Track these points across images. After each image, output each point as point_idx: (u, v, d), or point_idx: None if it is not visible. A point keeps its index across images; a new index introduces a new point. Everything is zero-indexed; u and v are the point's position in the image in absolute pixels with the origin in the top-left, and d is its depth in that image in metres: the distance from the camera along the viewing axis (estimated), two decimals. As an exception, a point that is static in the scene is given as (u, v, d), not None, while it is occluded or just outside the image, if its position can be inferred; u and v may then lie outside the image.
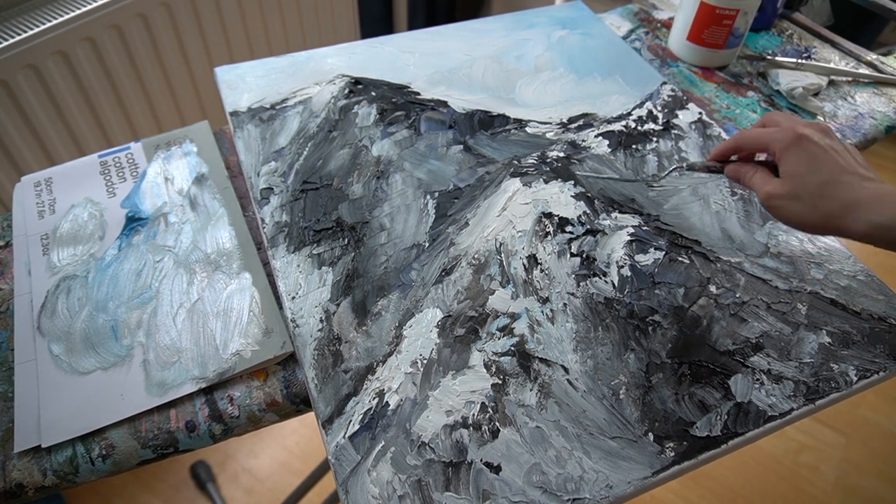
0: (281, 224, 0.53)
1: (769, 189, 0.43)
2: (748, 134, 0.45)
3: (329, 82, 0.67)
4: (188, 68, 1.08)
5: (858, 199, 0.39)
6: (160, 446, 0.43)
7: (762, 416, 0.43)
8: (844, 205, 0.39)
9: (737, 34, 0.73)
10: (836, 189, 0.39)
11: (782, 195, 0.42)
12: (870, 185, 0.39)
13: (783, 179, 0.42)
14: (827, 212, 0.40)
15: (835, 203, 0.39)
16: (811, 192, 0.40)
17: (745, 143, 0.46)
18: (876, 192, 0.39)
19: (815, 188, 0.40)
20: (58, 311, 0.49)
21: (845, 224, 0.39)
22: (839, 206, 0.39)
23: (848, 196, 0.39)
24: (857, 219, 0.39)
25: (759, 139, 0.44)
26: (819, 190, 0.40)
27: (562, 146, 0.61)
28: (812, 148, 0.41)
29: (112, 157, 0.61)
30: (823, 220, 0.40)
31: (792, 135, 0.42)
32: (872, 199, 0.38)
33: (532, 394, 0.43)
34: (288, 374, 0.46)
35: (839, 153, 0.41)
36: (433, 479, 0.39)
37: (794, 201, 0.41)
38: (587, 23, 0.78)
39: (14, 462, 0.41)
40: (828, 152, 0.41)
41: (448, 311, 0.48)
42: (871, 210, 0.38)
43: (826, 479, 1.20)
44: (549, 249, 0.52)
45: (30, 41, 0.84)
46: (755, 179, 0.45)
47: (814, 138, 0.41)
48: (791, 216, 0.42)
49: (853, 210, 0.39)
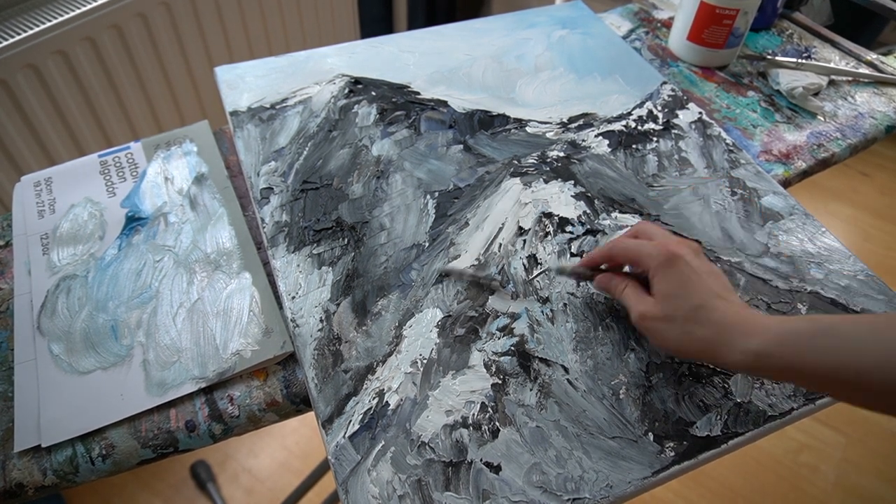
0: (281, 224, 0.53)
1: (643, 309, 0.41)
2: (621, 244, 0.44)
3: (329, 82, 0.67)
4: (188, 68, 1.08)
5: (732, 324, 0.37)
6: (160, 446, 0.43)
7: (762, 415, 0.43)
8: (718, 331, 0.37)
9: (737, 34, 0.73)
10: (709, 314, 0.38)
11: (657, 317, 0.40)
12: (743, 312, 0.38)
13: (657, 300, 0.40)
14: (701, 337, 0.38)
15: (709, 329, 0.38)
16: (685, 316, 0.39)
17: (618, 255, 0.44)
18: (748, 319, 0.37)
19: (689, 312, 0.38)
20: (58, 311, 0.49)
21: (721, 352, 0.37)
22: (713, 333, 0.37)
23: (721, 321, 0.37)
24: (732, 347, 0.37)
25: (631, 252, 0.43)
26: (693, 314, 0.38)
27: (562, 146, 0.61)
28: (685, 270, 0.40)
29: (112, 156, 0.61)
30: (699, 347, 0.38)
31: (666, 254, 0.40)
32: (745, 324, 0.37)
33: (532, 393, 0.43)
34: (288, 373, 0.46)
35: (709, 275, 0.40)
36: (433, 479, 0.39)
37: (669, 324, 0.39)
38: (587, 22, 0.78)
39: (14, 462, 0.41)
40: (700, 276, 0.40)
41: (448, 310, 0.48)
42: (746, 337, 0.36)
43: (826, 478, 1.20)
44: (549, 249, 0.52)
45: (30, 41, 0.84)
46: (628, 295, 0.43)
47: (687, 259, 0.40)
48: (666, 340, 0.40)
49: (728, 335, 0.37)
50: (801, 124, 0.69)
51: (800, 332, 0.35)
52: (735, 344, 0.36)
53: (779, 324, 0.36)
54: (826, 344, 0.34)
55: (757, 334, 0.36)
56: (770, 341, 0.35)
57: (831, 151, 0.66)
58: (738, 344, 0.36)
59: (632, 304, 0.42)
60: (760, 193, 0.58)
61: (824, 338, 0.34)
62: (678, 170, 0.60)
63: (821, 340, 0.34)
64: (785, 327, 0.35)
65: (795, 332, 0.35)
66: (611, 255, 0.45)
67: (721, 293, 0.39)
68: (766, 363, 0.35)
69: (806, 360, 0.34)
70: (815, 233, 0.54)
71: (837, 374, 0.33)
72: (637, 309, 0.41)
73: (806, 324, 0.35)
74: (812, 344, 0.34)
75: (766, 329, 0.36)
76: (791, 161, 0.65)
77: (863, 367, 0.32)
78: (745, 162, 0.61)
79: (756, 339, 0.36)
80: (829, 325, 0.34)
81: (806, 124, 0.69)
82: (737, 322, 0.37)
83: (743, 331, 0.36)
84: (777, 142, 0.67)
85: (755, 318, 0.37)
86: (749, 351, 0.36)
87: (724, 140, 0.63)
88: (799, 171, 0.64)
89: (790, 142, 0.67)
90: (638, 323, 0.42)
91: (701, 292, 0.39)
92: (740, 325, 0.37)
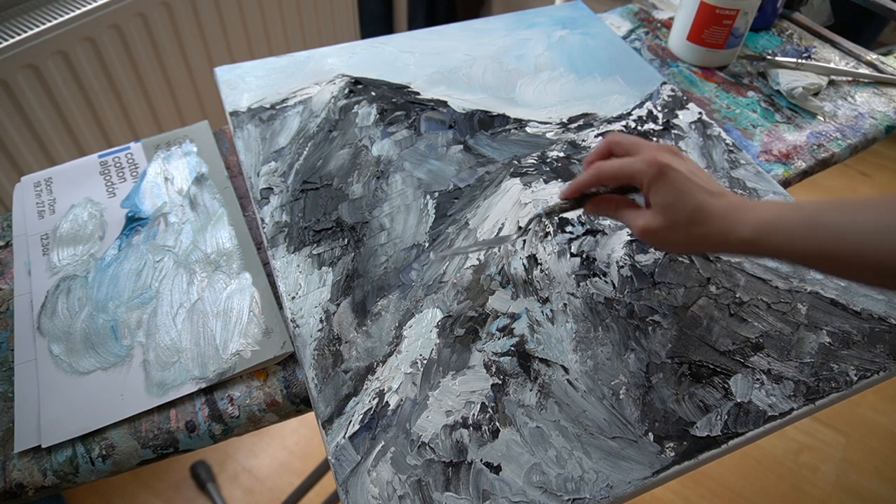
0: (281, 224, 0.53)
1: (643, 223, 0.43)
2: (607, 168, 0.44)
3: (329, 82, 0.67)
4: (188, 68, 1.08)
5: (727, 217, 0.40)
6: (160, 446, 0.43)
7: (762, 415, 0.43)
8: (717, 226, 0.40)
9: (737, 34, 0.73)
10: (707, 213, 0.41)
11: (661, 227, 0.42)
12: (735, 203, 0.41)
13: (655, 212, 0.42)
14: (703, 234, 0.41)
15: (708, 226, 0.41)
16: (686, 219, 0.41)
17: (607, 178, 0.45)
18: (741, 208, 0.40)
19: (689, 215, 0.41)
20: (58, 312, 0.49)
21: (721, 243, 0.41)
22: (712, 228, 0.40)
23: (718, 216, 0.40)
24: (729, 236, 0.40)
25: (622, 172, 0.44)
26: (693, 216, 0.41)
27: (562, 146, 0.61)
28: (677, 177, 0.42)
29: (112, 157, 0.61)
30: (701, 243, 0.42)
31: (656, 166, 0.42)
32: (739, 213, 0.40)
33: (532, 394, 0.43)
34: (288, 374, 0.46)
35: (697, 175, 0.42)
36: (433, 479, 0.39)
37: (673, 231, 0.42)
38: (587, 23, 0.78)
39: (14, 462, 0.41)
40: (690, 179, 0.42)
41: (448, 311, 0.48)
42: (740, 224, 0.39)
43: (826, 478, 1.20)
44: (549, 249, 0.52)
45: (30, 41, 0.84)
46: (625, 213, 0.45)
47: (674, 165, 0.42)
48: (672, 244, 0.43)
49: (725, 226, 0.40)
50: (801, 124, 0.69)
51: (784, 220, 0.38)
52: (733, 233, 0.40)
53: (767, 211, 0.39)
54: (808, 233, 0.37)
55: (748, 223, 0.39)
56: (760, 229, 0.39)
57: (831, 151, 0.66)
58: (736, 233, 0.40)
59: (632, 220, 0.44)
60: (760, 193, 0.58)
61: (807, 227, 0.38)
62: (678, 170, 0.60)
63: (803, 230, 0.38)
64: (772, 214, 0.39)
65: (782, 219, 0.38)
66: (599, 179, 0.45)
67: (711, 189, 0.42)
68: (758, 249, 0.39)
69: (795, 246, 0.38)
70: (815, 233, 0.54)
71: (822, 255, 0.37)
72: (638, 224, 0.43)
73: (792, 212, 0.38)
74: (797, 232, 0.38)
75: (755, 218, 0.39)
76: (791, 161, 0.65)
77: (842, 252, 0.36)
78: (745, 162, 0.61)
79: (748, 227, 0.39)
80: (814, 213, 0.38)
81: (806, 124, 0.69)
82: (730, 214, 0.40)
83: (738, 220, 0.40)
84: (777, 142, 0.67)
85: (747, 208, 0.40)
86: (745, 239, 0.39)
87: (724, 140, 0.63)
88: (799, 171, 0.64)
89: (790, 142, 0.67)
90: (641, 236, 0.44)
91: (695, 194, 0.41)
92: (734, 215, 0.40)
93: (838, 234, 0.37)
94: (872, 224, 0.36)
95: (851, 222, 0.36)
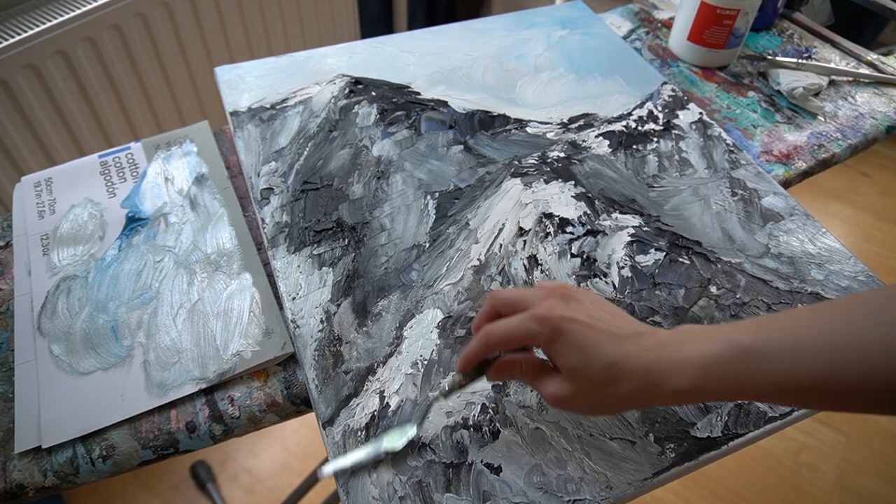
0: (281, 224, 0.53)
1: (553, 391, 0.36)
2: (495, 334, 0.37)
3: (329, 82, 0.67)
4: (188, 68, 1.08)
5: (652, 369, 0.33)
6: (160, 447, 0.43)
7: (762, 416, 0.43)
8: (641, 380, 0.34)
9: (737, 34, 0.73)
10: (624, 367, 0.34)
11: (574, 394, 0.35)
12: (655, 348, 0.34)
13: (564, 377, 0.36)
14: (628, 392, 0.34)
15: (631, 382, 0.34)
16: (602, 380, 0.34)
17: (497, 343, 0.37)
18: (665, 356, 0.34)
19: (604, 375, 0.34)
20: (58, 312, 0.49)
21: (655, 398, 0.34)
22: (637, 384, 0.34)
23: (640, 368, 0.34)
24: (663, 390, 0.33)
25: (513, 336, 0.37)
26: (608, 375, 0.34)
27: (562, 146, 0.61)
28: (576, 331, 0.35)
29: (112, 157, 0.61)
30: (630, 402, 0.35)
31: (549, 323, 0.35)
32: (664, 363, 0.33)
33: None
34: (288, 374, 0.46)
35: (600, 319, 0.36)
36: (434, 481, 0.39)
37: (587, 397, 0.35)
38: (587, 23, 0.78)
39: (14, 463, 0.41)
40: (592, 327, 0.35)
41: (448, 311, 0.48)
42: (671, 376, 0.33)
43: (826, 478, 1.20)
44: (549, 250, 0.52)
45: (30, 41, 0.84)
46: (533, 380, 0.38)
47: (570, 315, 0.35)
48: (593, 411, 0.39)
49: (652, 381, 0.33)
50: (802, 124, 0.69)
51: (720, 361, 0.32)
52: (664, 386, 0.33)
53: (699, 354, 0.33)
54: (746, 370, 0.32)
55: (679, 371, 0.33)
56: (695, 377, 0.32)
57: (832, 152, 0.66)
58: (667, 385, 0.33)
59: (541, 388, 0.37)
60: (761, 194, 0.58)
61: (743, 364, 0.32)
62: (678, 170, 0.60)
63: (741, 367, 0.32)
64: (706, 358, 0.33)
65: (716, 361, 0.32)
66: (488, 347, 0.38)
67: (622, 333, 0.35)
68: (701, 396, 0.33)
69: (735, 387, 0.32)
70: (815, 233, 0.54)
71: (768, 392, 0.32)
72: (548, 392, 0.37)
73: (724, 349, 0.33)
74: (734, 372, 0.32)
75: (686, 364, 0.33)
76: (791, 161, 0.65)
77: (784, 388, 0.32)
78: (746, 162, 0.61)
79: (681, 377, 0.33)
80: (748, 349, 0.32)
81: (806, 124, 0.69)
82: (655, 364, 0.34)
83: (665, 370, 0.33)
84: (777, 142, 0.67)
85: (672, 353, 0.34)
86: (680, 390, 0.33)
87: (724, 140, 0.63)
88: (799, 171, 0.64)
89: (791, 142, 0.67)
90: (556, 405, 0.37)
91: (604, 347, 0.34)
92: (659, 365, 0.33)
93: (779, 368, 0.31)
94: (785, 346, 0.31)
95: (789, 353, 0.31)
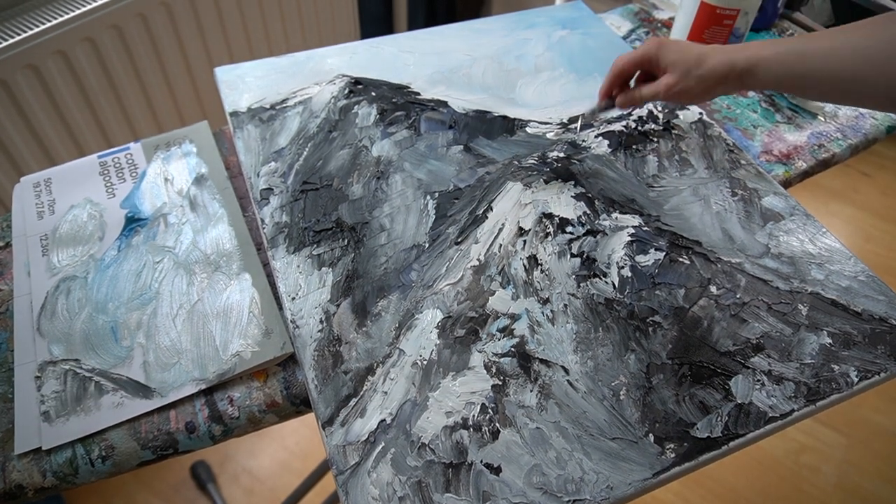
0: (281, 225, 0.53)
1: (664, 84, 0.52)
2: (620, 62, 0.55)
3: (329, 82, 0.67)
4: (188, 68, 1.08)
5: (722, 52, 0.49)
6: (160, 447, 0.43)
7: (763, 417, 0.43)
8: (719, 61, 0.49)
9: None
10: (707, 55, 0.50)
11: (677, 80, 0.51)
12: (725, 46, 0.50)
13: (669, 72, 0.52)
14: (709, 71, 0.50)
15: (711, 64, 0.50)
16: (693, 64, 0.50)
17: (625, 66, 0.55)
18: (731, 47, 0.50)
19: (694, 61, 0.50)
20: (57, 312, 0.49)
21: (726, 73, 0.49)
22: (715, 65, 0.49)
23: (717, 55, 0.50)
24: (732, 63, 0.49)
25: (633, 56, 0.54)
26: (697, 61, 0.50)
27: (562, 146, 0.61)
28: (674, 41, 0.53)
29: (112, 157, 0.61)
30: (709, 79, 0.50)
31: (655, 41, 0.53)
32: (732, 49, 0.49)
33: (532, 395, 0.43)
34: (288, 374, 0.46)
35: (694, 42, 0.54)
36: (433, 481, 0.39)
37: (685, 79, 0.51)
38: (587, 23, 0.78)
39: (14, 463, 0.41)
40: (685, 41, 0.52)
41: (448, 311, 0.47)
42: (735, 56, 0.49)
43: (827, 479, 1.20)
44: (549, 250, 0.52)
45: (30, 41, 0.84)
46: (647, 89, 0.54)
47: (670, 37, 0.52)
48: (689, 93, 0.52)
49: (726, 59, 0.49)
50: (802, 124, 0.69)
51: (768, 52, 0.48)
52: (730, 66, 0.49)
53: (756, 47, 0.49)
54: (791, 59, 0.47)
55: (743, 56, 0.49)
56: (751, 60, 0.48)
57: (832, 152, 0.66)
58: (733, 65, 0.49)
59: (655, 88, 0.53)
60: (761, 194, 0.58)
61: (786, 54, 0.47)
62: (678, 170, 0.60)
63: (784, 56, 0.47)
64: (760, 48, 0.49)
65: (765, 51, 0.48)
66: (620, 72, 0.55)
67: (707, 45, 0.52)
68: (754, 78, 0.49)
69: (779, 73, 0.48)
70: (815, 233, 0.54)
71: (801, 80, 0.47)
72: (659, 88, 0.53)
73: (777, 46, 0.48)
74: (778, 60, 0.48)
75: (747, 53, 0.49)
76: (792, 161, 0.65)
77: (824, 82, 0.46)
78: (746, 162, 0.61)
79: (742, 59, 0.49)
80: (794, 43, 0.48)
81: (806, 124, 0.69)
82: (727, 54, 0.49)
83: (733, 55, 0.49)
84: (778, 142, 0.67)
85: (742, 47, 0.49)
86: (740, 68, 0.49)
87: (724, 140, 0.63)
88: (799, 171, 0.64)
89: (791, 142, 0.67)
90: (667, 96, 0.53)
91: (693, 47, 0.51)
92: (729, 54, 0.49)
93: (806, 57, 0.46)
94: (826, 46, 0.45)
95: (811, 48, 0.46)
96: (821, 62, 0.45)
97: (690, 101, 0.55)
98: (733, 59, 0.49)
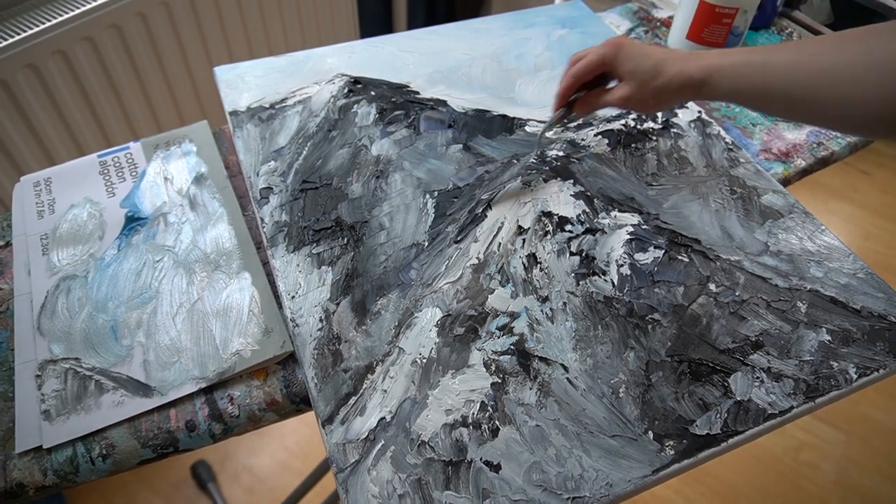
0: (280, 223, 0.53)
1: (619, 94, 0.51)
2: (577, 67, 0.52)
3: (328, 82, 0.67)
4: (188, 68, 1.08)
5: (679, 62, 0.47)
6: (160, 446, 0.43)
7: (762, 414, 0.43)
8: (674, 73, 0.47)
9: (736, 33, 0.73)
10: (663, 65, 0.48)
11: (633, 90, 0.50)
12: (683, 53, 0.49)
13: (625, 81, 0.50)
14: (665, 83, 0.48)
15: (667, 76, 0.48)
16: (649, 76, 0.48)
17: (581, 72, 0.52)
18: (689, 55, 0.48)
19: (650, 72, 0.48)
20: (58, 312, 0.49)
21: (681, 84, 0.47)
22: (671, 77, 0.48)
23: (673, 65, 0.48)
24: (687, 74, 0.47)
25: (589, 63, 0.52)
26: (653, 72, 0.48)
27: (561, 145, 0.61)
28: (633, 45, 0.50)
29: (111, 156, 0.61)
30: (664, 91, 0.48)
31: (613, 44, 0.50)
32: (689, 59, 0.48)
33: (532, 392, 0.43)
34: (288, 373, 0.46)
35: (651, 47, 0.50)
36: (433, 478, 0.39)
37: (640, 90, 0.49)
38: (587, 22, 0.78)
39: (15, 462, 0.41)
40: (645, 46, 0.50)
41: (447, 310, 0.48)
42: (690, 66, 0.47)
43: (826, 476, 1.20)
44: (548, 248, 0.52)
45: (30, 41, 0.84)
46: (605, 97, 0.52)
47: (629, 40, 0.50)
48: (645, 104, 0.50)
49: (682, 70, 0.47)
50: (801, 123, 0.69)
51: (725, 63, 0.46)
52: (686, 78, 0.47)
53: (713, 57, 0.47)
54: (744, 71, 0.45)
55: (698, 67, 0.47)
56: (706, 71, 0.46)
57: (831, 150, 0.66)
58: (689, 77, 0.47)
59: (612, 97, 0.52)
60: (760, 192, 0.58)
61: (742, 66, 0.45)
62: (677, 168, 0.60)
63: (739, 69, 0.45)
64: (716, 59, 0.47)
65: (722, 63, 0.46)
66: (575, 77, 0.53)
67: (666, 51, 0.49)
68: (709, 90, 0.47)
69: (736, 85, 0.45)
70: (814, 231, 0.54)
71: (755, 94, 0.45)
72: (616, 96, 0.51)
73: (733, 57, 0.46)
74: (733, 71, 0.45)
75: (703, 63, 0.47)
76: (791, 159, 0.65)
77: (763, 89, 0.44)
78: (745, 161, 0.61)
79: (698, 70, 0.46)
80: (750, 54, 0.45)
81: (805, 123, 0.69)
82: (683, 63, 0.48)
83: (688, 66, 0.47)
84: (776, 140, 0.67)
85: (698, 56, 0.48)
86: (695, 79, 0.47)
87: (723, 139, 0.63)
88: (798, 169, 0.64)
89: (790, 140, 0.67)
90: (622, 104, 0.51)
91: (652, 55, 0.49)
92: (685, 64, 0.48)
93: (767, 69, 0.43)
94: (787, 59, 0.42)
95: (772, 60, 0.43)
96: (781, 75, 0.42)
97: (646, 112, 0.54)
98: (687, 70, 0.47)
